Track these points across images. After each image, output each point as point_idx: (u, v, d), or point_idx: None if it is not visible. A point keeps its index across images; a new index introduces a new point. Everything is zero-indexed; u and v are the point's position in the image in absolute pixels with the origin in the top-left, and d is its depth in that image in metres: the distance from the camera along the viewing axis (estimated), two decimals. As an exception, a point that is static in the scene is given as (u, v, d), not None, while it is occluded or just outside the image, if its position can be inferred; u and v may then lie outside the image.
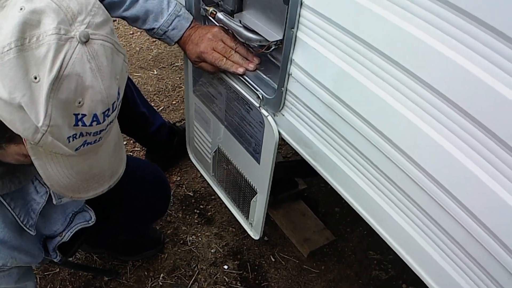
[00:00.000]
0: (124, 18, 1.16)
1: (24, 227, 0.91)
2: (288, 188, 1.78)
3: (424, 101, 0.67)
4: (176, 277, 1.62)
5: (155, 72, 2.56)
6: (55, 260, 1.03)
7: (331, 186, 0.98)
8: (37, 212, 0.92)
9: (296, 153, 1.02)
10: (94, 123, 0.65)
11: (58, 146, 0.64)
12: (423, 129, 0.69)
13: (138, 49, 2.76)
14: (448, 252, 0.75)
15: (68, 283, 1.58)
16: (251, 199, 1.33)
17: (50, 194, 0.93)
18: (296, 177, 1.80)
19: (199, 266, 1.65)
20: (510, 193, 0.60)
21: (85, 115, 0.63)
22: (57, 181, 0.71)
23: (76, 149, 0.67)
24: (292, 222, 1.73)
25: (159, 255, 1.67)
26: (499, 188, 0.62)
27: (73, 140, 0.65)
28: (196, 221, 1.81)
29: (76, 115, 0.63)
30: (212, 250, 1.71)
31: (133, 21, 1.16)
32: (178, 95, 2.39)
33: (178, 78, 2.51)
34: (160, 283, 1.60)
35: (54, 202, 0.94)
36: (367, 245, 1.75)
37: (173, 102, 2.35)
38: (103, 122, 0.66)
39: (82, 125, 0.64)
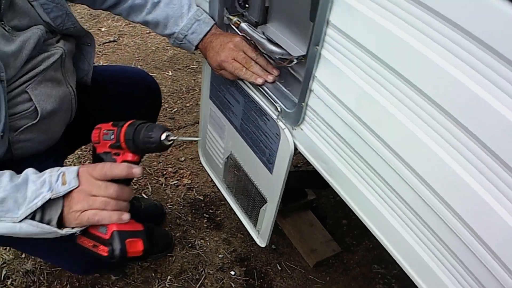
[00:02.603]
0: (146, 23, 1.19)
1: None
2: (297, 197, 1.78)
3: (445, 130, 0.67)
4: (183, 280, 1.63)
5: (170, 73, 2.57)
6: None
7: (339, 198, 0.98)
8: None
9: (307, 163, 1.03)
10: None
11: None
12: (443, 157, 0.69)
13: (154, 48, 2.77)
14: (453, 272, 0.76)
15: (75, 280, 1.59)
16: (261, 208, 1.34)
17: None
18: (306, 187, 1.80)
19: (206, 271, 1.66)
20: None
21: None
22: None
23: None
24: (300, 232, 1.74)
25: (167, 257, 1.69)
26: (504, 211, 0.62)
27: None
28: (205, 225, 1.82)
29: None
30: (219, 255, 1.72)
31: (154, 26, 1.19)
32: (192, 98, 2.40)
33: (192, 81, 2.52)
34: (167, 285, 1.61)
35: None
36: (372, 259, 1.76)
37: (187, 105, 2.36)
38: None
39: None
